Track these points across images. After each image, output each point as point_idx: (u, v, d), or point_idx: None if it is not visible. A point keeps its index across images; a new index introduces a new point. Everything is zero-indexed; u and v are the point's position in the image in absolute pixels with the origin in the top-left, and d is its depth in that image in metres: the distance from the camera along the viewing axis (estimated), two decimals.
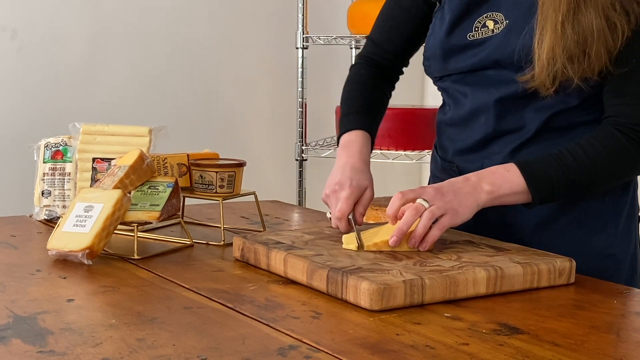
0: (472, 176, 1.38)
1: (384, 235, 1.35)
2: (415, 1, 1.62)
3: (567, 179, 1.38)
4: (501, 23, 1.46)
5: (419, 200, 1.33)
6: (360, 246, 1.34)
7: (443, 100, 1.63)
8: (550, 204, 1.45)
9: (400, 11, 1.65)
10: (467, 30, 1.50)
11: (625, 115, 1.39)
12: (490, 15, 1.48)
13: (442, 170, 1.63)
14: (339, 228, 1.46)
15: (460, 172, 1.56)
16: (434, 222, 1.33)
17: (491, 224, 1.50)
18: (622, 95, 1.40)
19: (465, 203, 1.35)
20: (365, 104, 1.67)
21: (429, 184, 1.72)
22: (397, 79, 1.76)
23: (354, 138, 1.59)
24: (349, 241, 1.36)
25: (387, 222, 1.44)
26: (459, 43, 1.51)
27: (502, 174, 1.38)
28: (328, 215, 1.52)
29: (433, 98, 3.35)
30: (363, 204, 1.49)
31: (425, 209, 1.32)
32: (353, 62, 1.76)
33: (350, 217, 1.45)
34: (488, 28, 1.48)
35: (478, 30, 1.49)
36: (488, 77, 1.48)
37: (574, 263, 1.31)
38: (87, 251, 1.36)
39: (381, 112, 1.71)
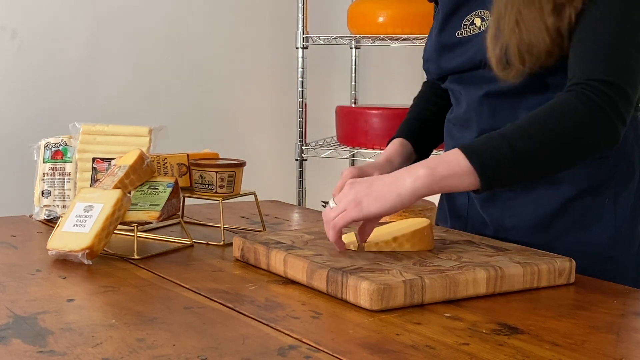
0: (406, 166, 1.31)
1: (384, 235, 1.35)
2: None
3: (512, 148, 1.24)
4: (487, 20, 1.46)
5: (329, 202, 1.30)
6: (360, 247, 1.34)
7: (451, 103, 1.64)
8: (548, 204, 1.44)
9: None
10: (456, 28, 1.51)
11: (575, 77, 1.30)
12: (478, 13, 1.48)
13: None
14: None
15: None
16: None
17: (489, 226, 1.50)
18: (573, 61, 1.33)
19: (378, 193, 1.24)
20: (414, 117, 1.71)
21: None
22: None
23: (390, 146, 1.64)
24: (349, 240, 1.35)
25: (387, 222, 1.44)
26: (448, 41, 1.52)
27: (439, 157, 1.28)
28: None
29: None
30: None
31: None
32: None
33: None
34: (475, 25, 1.48)
35: (466, 28, 1.49)
36: (480, 76, 1.48)
37: (574, 263, 1.31)
38: (87, 251, 1.36)
39: (434, 122, 1.70)
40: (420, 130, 1.69)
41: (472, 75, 1.49)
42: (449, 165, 1.24)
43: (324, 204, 1.53)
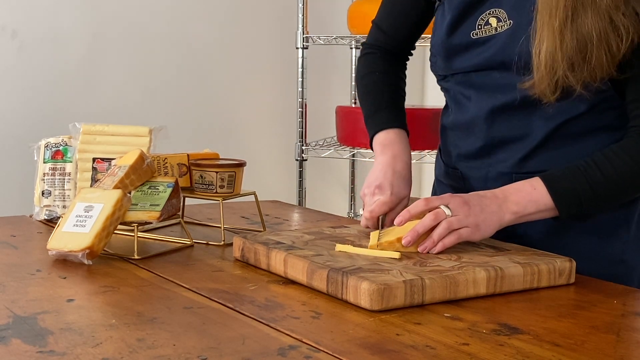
0: (499, 193, 1.36)
1: (387, 237, 1.34)
2: None
3: (594, 193, 1.36)
4: (504, 22, 1.43)
5: (442, 207, 1.32)
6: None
7: (445, 102, 1.61)
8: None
9: None
10: (470, 29, 1.47)
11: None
12: (493, 12, 1.45)
13: (446, 176, 1.61)
14: (367, 227, 1.49)
15: (465, 179, 1.55)
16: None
17: (502, 231, 1.48)
18: (634, 101, 1.37)
19: (489, 221, 1.33)
20: (393, 98, 1.66)
21: (433, 187, 1.70)
22: (407, 61, 1.75)
23: (395, 137, 1.59)
24: (375, 239, 1.35)
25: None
26: (462, 42, 1.48)
27: (529, 192, 1.35)
28: (360, 211, 1.55)
29: (433, 98, 3.35)
30: (397, 212, 1.48)
31: (446, 217, 1.31)
32: (361, 50, 1.73)
33: (380, 218, 1.47)
34: (491, 26, 1.45)
35: (481, 28, 1.46)
36: (493, 80, 1.45)
37: (574, 263, 1.31)
38: (87, 251, 1.36)
39: (404, 99, 1.69)
40: (403, 113, 1.65)
41: (485, 78, 1.46)
42: (537, 205, 1.36)
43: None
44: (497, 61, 1.43)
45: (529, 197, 1.35)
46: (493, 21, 1.45)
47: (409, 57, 1.74)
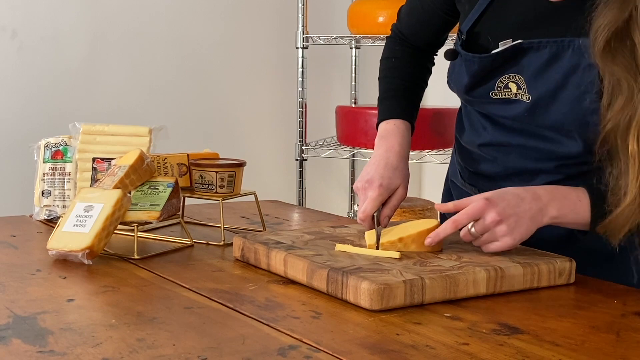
0: (542, 194, 1.31)
1: (390, 236, 1.34)
2: (435, 6, 1.57)
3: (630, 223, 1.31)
4: (523, 91, 1.39)
5: (469, 228, 1.30)
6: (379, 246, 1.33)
7: (460, 110, 1.59)
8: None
9: (424, 8, 1.60)
10: (489, 89, 1.43)
11: None
12: (512, 77, 1.40)
13: (463, 183, 1.60)
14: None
15: (481, 192, 1.53)
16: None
17: None
18: None
19: (527, 228, 1.30)
20: (403, 86, 1.61)
21: (445, 185, 1.68)
22: (435, 53, 1.68)
23: (393, 128, 1.54)
24: (372, 238, 1.35)
25: (396, 223, 1.44)
26: (481, 96, 1.45)
27: (574, 202, 1.32)
28: (355, 207, 1.51)
29: (433, 98, 3.35)
30: (391, 206, 1.45)
31: (476, 237, 1.30)
32: (390, 33, 1.67)
33: (375, 214, 1.42)
34: (511, 90, 1.41)
35: (501, 90, 1.42)
36: (512, 123, 1.44)
37: (574, 263, 1.31)
38: (87, 251, 1.36)
39: (421, 89, 1.64)
40: (411, 103, 1.60)
41: (504, 120, 1.44)
42: (576, 217, 1.33)
43: None
44: (515, 123, 1.42)
45: (572, 206, 1.32)
46: (513, 86, 1.41)
47: (438, 48, 1.68)
